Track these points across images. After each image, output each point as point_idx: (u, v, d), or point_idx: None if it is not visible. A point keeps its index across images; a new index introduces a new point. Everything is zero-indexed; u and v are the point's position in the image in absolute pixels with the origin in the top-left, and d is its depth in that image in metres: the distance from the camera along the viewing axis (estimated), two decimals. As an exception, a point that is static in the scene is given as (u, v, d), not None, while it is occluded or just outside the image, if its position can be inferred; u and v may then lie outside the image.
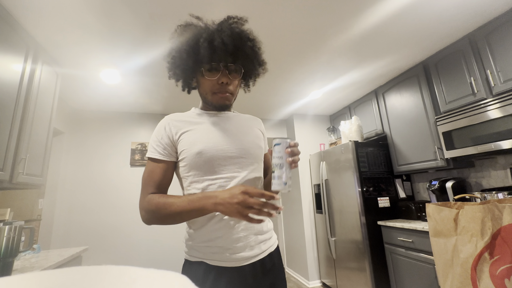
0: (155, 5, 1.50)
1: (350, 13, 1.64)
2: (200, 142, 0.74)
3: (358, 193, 2.39)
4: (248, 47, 0.75)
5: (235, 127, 0.81)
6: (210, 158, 0.72)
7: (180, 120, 0.79)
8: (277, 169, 0.67)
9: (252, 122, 0.90)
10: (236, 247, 0.71)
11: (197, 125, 0.78)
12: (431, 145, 2.15)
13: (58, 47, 1.82)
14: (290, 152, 0.66)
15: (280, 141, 0.68)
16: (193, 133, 0.76)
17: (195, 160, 0.72)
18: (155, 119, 3.30)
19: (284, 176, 0.66)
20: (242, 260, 0.71)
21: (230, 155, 0.75)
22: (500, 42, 1.69)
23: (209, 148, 0.73)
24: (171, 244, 2.98)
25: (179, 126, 0.77)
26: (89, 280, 0.21)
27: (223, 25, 0.74)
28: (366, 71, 2.42)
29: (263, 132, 0.92)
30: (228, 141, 0.76)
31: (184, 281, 0.22)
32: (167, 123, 0.77)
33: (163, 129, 0.77)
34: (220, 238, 0.71)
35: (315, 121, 3.64)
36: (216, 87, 0.75)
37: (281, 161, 0.67)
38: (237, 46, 0.72)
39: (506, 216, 0.99)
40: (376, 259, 2.25)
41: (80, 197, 2.80)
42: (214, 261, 0.70)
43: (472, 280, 1.00)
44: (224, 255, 0.70)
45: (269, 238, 0.79)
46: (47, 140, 1.86)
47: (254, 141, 0.82)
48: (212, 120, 0.80)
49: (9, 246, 1.25)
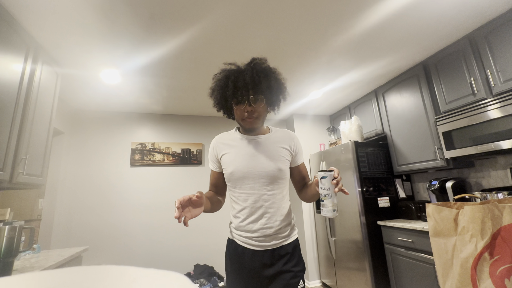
0: (155, 5, 1.50)
1: (350, 13, 1.64)
2: (232, 165, 1.01)
3: (358, 193, 2.39)
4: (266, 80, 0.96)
5: (262, 151, 1.03)
6: (238, 177, 1.00)
7: (223, 143, 1.07)
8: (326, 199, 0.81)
9: (281, 141, 1.07)
10: (254, 239, 0.98)
11: (233, 148, 1.04)
12: (431, 145, 2.15)
13: (58, 47, 1.82)
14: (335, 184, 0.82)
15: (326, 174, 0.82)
16: (229, 156, 1.03)
17: (228, 177, 1.03)
18: (155, 119, 3.30)
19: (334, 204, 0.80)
20: (258, 247, 0.98)
21: (253, 176, 0.99)
22: (500, 42, 1.69)
23: (237, 171, 1.00)
24: (171, 244, 2.98)
25: (221, 148, 1.06)
26: (89, 280, 0.21)
27: (247, 66, 1.00)
28: (366, 71, 2.42)
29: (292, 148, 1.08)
30: (253, 165, 1.00)
31: (184, 281, 0.22)
32: (215, 145, 1.09)
33: (212, 149, 1.09)
34: (244, 232, 0.99)
35: (315, 121, 3.64)
36: (243, 115, 0.98)
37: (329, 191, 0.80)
38: (256, 81, 0.95)
39: (506, 216, 0.98)
40: (376, 259, 2.25)
41: (80, 197, 2.80)
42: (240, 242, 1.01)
43: (472, 280, 1.00)
44: (248, 241, 0.99)
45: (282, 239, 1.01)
46: (47, 140, 1.86)
47: (276, 165, 1.01)
48: (244, 144, 1.04)
49: (9, 246, 1.25)
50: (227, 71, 1.01)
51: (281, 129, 1.14)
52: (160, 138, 3.26)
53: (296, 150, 1.09)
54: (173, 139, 3.31)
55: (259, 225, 0.97)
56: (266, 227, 0.97)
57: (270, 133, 1.09)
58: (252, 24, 1.69)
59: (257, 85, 0.95)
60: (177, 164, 3.22)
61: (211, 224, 3.14)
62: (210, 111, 3.32)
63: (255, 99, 0.96)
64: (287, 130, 1.14)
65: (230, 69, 1.02)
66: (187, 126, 3.40)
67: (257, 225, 0.97)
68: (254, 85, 0.95)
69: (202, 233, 3.09)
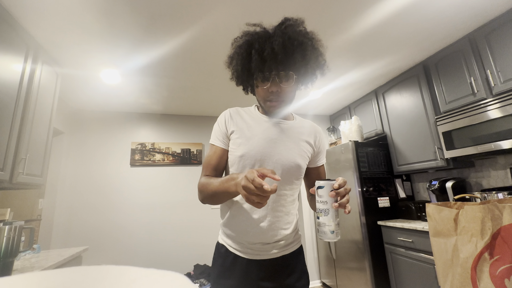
0: (155, 5, 1.50)
1: (350, 13, 1.64)
2: (244, 146, 0.80)
3: (358, 193, 2.39)
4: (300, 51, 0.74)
5: (282, 140, 0.83)
6: (248, 163, 0.79)
7: (240, 117, 0.85)
8: (322, 216, 0.60)
9: (306, 134, 0.88)
10: (251, 247, 0.79)
11: (250, 126, 0.83)
12: (431, 145, 2.15)
13: (58, 47, 1.82)
14: (335, 196, 0.61)
15: (324, 183, 0.62)
16: (243, 134, 0.82)
17: (236, 160, 0.80)
18: (155, 119, 3.30)
19: (332, 225, 0.59)
20: (255, 256, 0.79)
21: (266, 166, 0.79)
22: (500, 42, 1.69)
23: (249, 155, 0.79)
24: (171, 244, 2.98)
25: (236, 122, 0.84)
26: (89, 280, 0.21)
27: (277, 30, 0.75)
28: (366, 71, 2.42)
29: (316, 145, 0.90)
30: (269, 152, 0.80)
31: (184, 281, 0.22)
32: (228, 116, 0.85)
33: (223, 121, 0.85)
34: (239, 236, 0.80)
35: (315, 121, 3.64)
36: (267, 95, 0.78)
37: (326, 206, 0.60)
38: (287, 52, 0.72)
39: (506, 216, 0.98)
40: (376, 259, 2.25)
41: (80, 197, 2.80)
42: (232, 249, 0.81)
43: (472, 280, 1.00)
44: (242, 247, 0.80)
45: (284, 247, 0.82)
46: (47, 140, 1.86)
47: (295, 159, 0.82)
48: (264, 125, 0.84)
49: (9, 246, 1.25)
50: (250, 34, 0.78)
51: (306, 120, 0.93)
52: (160, 138, 3.26)
53: (319, 148, 0.91)
54: (173, 139, 3.31)
55: (259, 229, 0.78)
56: (267, 233, 0.78)
57: (295, 121, 0.89)
58: (252, 24, 1.69)
59: (288, 58, 0.73)
60: (177, 164, 3.22)
61: (211, 224, 3.14)
62: (210, 111, 3.32)
63: (285, 76, 0.75)
64: (312, 122, 0.94)
65: (254, 32, 0.78)
66: (187, 126, 3.40)
67: (257, 230, 0.78)
68: (285, 58, 0.72)
69: (202, 233, 3.09)
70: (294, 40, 0.74)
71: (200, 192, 0.79)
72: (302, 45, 0.75)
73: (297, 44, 0.74)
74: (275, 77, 0.74)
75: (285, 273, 0.80)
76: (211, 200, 0.77)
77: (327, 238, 0.60)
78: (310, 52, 0.76)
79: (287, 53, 0.72)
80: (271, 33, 0.76)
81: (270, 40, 0.73)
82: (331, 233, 0.60)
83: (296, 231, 0.87)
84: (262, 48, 0.73)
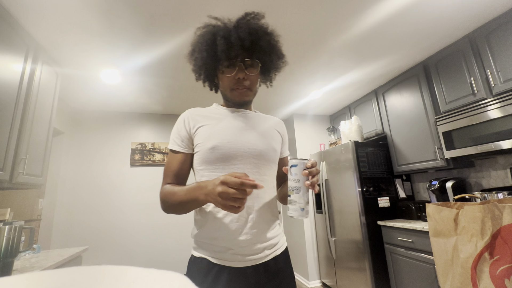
0: (155, 5, 1.50)
1: (350, 13, 1.64)
2: (215, 137, 0.74)
3: (358, 193, 2.38)
4: (265, 41, 0.76)
5: (253, 126, 0.81)
6: (222, 154, 0.73)
7: (199, 114, 0.81)
8: (294, 194, 0.62)
9: (272, 123, 0.89)
10: (239, 248, 0.70)
11: (215, 120, 0.79)
12: (431, 145, 2.15)
13: (58, 47, 1.82)
14: (307, 174, 0.62)
15: (297, 162, 0.63)
16: (209, 128, 0.77)
17: (207, 154, 0.74)
18: (155, 119, 3.30)
19: (303, 202, 0.61)
20: (244, 262, 0.70)
21: (242, 154, 0.75)
22: (500, 42, 1.69)
23: (223, 145, 0.73)
24: (171, 244, 2.98)
25: (197, 120, 0.79)
26: (89, 280, 0.21)
27: (240, 22, 0.76)
28: (366, 71, 2.42)
29: (282, 134, 0.90)
30: (242, 140, 0.76)
31: (184, 281, 0.22)
32: (187, 117, 0.80)
33: (182, 122, 0.80)
34: (223, 238, 0.70)
35: (315, 121, 3.64)
36: (233, 83, 0.76)
37: (298, 184, 0.62)
38: (253, 41, 0.73)
39: (506, 216, 0.98)
40: (376, 259, 2.25)
41: (80, 197, 2.80)
42: (216, 259, 0.70)
43: (472, 280, 1.00)
44: (227, 254, 0.70)
45: (275, 244, 0.77)
46: (47, 140, 1.86)
47: (270, 143, 0.81)
48: (230, 116, 0.81)
49: (9, 246, 1.25)
50: (213, 26, 0.78)
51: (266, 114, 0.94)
52: (160, 138, 3.26)
53: (284, 138, 0.91)
54: (173, 139, 3.31)
55: (248, 226, 0.71)
56: (257, 229, 0.72)
57: (258, 113, 0.90)
58: (252, 24, 1.69)
59: (254, 46, 0.74)
60: (177, 164, 3.22)
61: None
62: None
63: (251, 64, 0.75)
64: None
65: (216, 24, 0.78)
66: (187, 126, 3.40)
67: (246, 228, 0.70)
68: (251, 45, 0.73)
69: (202, 233, 3.09)
70: (259, 30, 0.75)
71: (163, 201, 0.73)
72: (266, 36, 0.77)
73: (262, 34, 0.76)
74: (242, 64, 0.74)
75: (277, 280, 0.74)
76: (175, 210, 0.72)
77: (297, 215, 0.61)
78: (274, 43, 0.79)
79: (252, 41, 0.73)
80: (234, 24, 0.76)
81: (235, 30, 0.73)
82: (301, 211, 0.61)
83: (280, 225, 0.83)
84: (228, 35, 0.72)
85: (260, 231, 0.73)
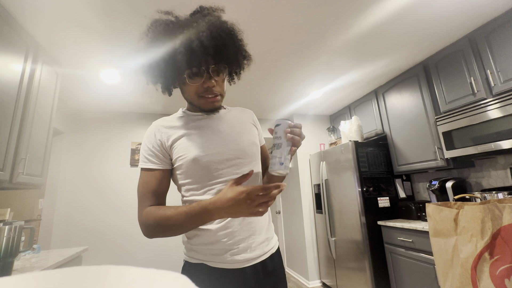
0: (155, 5, 1.49)
1: (350, 13, 1.64)
2: (194, 148, 0.71)
3: (358, 193, 2.39)
4: (229, 42, 0.69)
5: (228, 127, 0.78)
6: (206, 163, 0.70)
7: (170, 126, 0.76)
8: (275, 149, 0.65)
9: (244, 116, 0.86)
10: (238, 248, 0.69)
11: (188, 130, 0.75)
12: (431, 145, 2.15)
13: (58, 47, 1.82)
14: (289, 132, 0.63)
15: (281, 121, 0.66)
16: (186, 139, 0.72)
17: (191, 167, 0.70)
18: (155, 119, 3.27)
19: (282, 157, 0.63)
20: (243, 262, 0.69)
21: (226, 157, 0.72)
22: (500, 42, 1.69)
23: (204, 154, 0.70)
24: (171, 243, 2.98)
25: (170, 133, 0.74)
26: (89, 280, 0.21)
27: (199, 20, 0.67)
28: (366, 71, 2.42)
29: (256, 124, 0.88)
30: (222, 144, 0.74)
31: (184, 281, 0.22)
32: (157, 130, 0.74)
33: (153, 137, 0.73)
34: (221, 241, 0.69)
35: (315, 121, 3.64)
36: (202, 91, 0.70)
37: (280, 141, 0.64)
38: (217, 45, 0.66)
39: (506, 216, 0.98)
40: (376, 259, 2.25)
41: (80, 197, 2.80)
42: (214, 263, 0.69)
43: (472, 280, 1.00)
44: (225, 257, 0.69)
45: (271, 238, 0.79)
46: (47, 140, 1.86)
47: (249, 138, 0.79)
48: (202, 123, 0.77)
49: (9, 246, 1.25)
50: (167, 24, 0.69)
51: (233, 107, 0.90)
52: (160, 138, 3.25)
53: (259, 128, 0.90)
54: (173, 139, 3.31)
55: (243, 227, 0.71)
56: (253, 227, 0.73)
57: (228, 110, 0.85)
58: (252, 24, 1.69)
59: (219, 50, 0.67)
60: (177, 164, 3.22)
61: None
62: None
63: (217, 70, 0.69)
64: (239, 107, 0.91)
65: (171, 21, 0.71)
66: (187, 126, 3.40)
67: (243, 229, 0.71)
68: (216, 51, 0.66)
69: (202, 233, 3.09)
70: (221, 30, 0.68)
71: (151, 227, 0.65)
72: (230, 35, 0.70)
73: (225, 35, 0.68)
74: (207, 71, 0.67)
75: (271, 280, 0.74)
76: (168, 235, 0.66)
77: (276, 169, 0.63)
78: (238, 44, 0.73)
79: (217, 46, 0.66)
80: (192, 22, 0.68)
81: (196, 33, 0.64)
82: (280, 164, 0.63)
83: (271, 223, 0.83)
84: (188, 41, 0.64)
85: (256, 229, 0.73)
